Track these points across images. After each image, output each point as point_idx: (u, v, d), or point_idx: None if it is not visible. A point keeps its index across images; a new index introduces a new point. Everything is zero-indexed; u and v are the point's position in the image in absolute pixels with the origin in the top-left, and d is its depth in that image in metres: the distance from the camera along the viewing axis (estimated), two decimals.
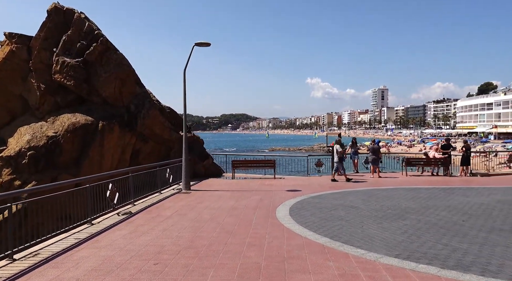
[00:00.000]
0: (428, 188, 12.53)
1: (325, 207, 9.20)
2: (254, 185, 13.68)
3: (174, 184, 12.78)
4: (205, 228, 7.07)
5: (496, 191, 11.69)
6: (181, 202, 9.90)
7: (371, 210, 8.79)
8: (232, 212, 8.61)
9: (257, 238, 6.38)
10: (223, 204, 9.66)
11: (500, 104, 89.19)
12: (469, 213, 8.48)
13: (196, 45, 11.95)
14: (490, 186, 13.08)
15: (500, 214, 8.34)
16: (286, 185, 13.57)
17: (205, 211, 8.70)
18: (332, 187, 12.84)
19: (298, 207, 9.17)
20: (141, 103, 14.90)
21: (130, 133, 14.52)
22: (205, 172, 16.26)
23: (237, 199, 10.38)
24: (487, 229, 6.98)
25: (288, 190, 12.14)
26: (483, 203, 9.63)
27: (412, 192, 11.67)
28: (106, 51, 14.23)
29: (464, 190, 11.97)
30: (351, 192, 11.78)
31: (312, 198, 10.61)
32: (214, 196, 11.02)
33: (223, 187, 13.14)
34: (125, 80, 14.64)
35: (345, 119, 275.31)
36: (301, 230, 6.97)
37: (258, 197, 10.81)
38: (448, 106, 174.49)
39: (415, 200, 10.12)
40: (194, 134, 16.75)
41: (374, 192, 11.62)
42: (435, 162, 16.35)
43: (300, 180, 15.13)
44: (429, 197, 10.59)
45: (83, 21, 14.09)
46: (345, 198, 10.59)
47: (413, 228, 7.11)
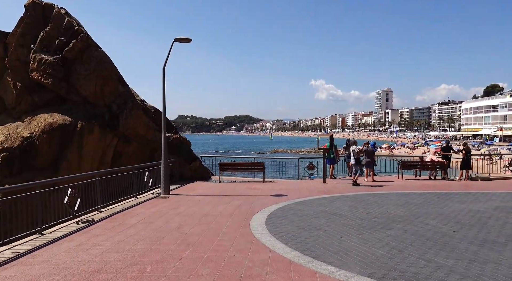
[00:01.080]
0: (423, 193, 11.77)
1: (306, 214, 8.51)
2: (240, 189, 13.02)
3: (155, 187, 12.15)
4: (166, 239, 6.41)
5: (495, 197, 10.92)
6: (153, 208, 9.25)
7: (355, 218, 8.09)
8: (204, 219, 7.95)
9: (218, 251, 5.71)
10: (198, 210, 9.01)
11: (505, 106, 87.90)
12: (462, 222, 7.74)
13: (176, 41, 11.34)
14: (490, 191, 12.29)
15: (496, 223, 7.59)
16: (273, 189, 12.88)
17: (175, 218, 8.05)
18: (321, 192, 12.14)
19: (277, 214, 8.49)
20: (123, 103, 14.31)
21: (112, 134, 13.93)
22: (192, 175, 15.62)
23: (215, 205, 9.72)
24: (479, 241, 6.25)
25: (273, 195, 11.46)
26: (479, 211, 8.88)
27: (404, 197, 10.93)
28: (87, 48, 13.67)
29: (461, 196, 11.20)
30: (339, 197, 11.08)
31: (295, 203, 9.92)
32: (192, 201, 10.37)
33: (206, 191, 12.49)
34: (107, 78, 14.07)
35: (349, 121, 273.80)
36: (272, 241, 6.29)
37: (239, 202, 10.15)
38: (453, 109, 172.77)
39: (405, 207, 9.40)
40: (180, 136, 16.13)
41: (364, 197, 10.90)
42: (433, 166, 15.58)
43: (290, 184, 14.44)
44: (422, 204, 9.85)
45: (63, 17, 13.55)
46: (331, 204, 9.89)
47: (396, 239, 6.40)
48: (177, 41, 11.36)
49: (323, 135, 16.46)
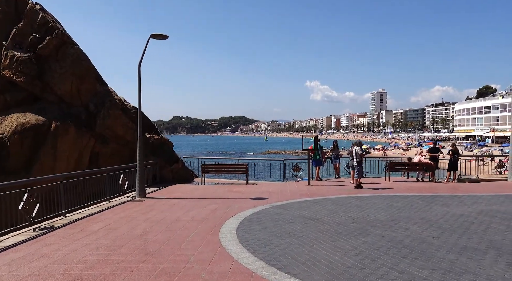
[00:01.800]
0: (407, 196, 11.42)
1: (283, 219, 8.10)
2: (220, 191, 12.58)
3: (130, 191, 11.65)
4: (125, 247, 5.96)
5: (480, 200, 10.59)
6: (122, 213, 8.78)
7: (333, 223, 7.69)
8: (173, 225, 7.50)
9: (177, 262, 5.27)
10: (169, 215, 8.55)
11: (498, 107, 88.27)
12: (444, 227, 7.38)
13: (152, 37, 10.89)
14: (476, 193, 11.98)
15: (479, 228, 7.24)
16: (255, 191, 12.46)
17: (142, 224, 7.59)
18: (303, 194, 11.74)
19: (251, 219, 8.06)
20: (101, 103, 13.81)
21: (89, 135, 13.42)
22: (174, 177, 15.15)
23: (189, 209, 9.28)
24: (459, 249, 5.87)
25: (253, 198, 11.04)
26: (462, 215, 8.53)
27: (388, 200, 10.57)
28: (62, 45, 13.16)
29: (446, 198, 10.86)
30: (321, 200, 10.68)
31: (274, 207, 9.50)
32: (167, 205, 9.91)
33: (185, 194, 12.03)
34: (84, 77, 13.56)
35: (343, 123, 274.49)
36: (238, 250, 5.86)
37: (215, 206, 9.71)
38: (447, 110, 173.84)
39: (387, 211, 9.02)
40: (162, 137, 15.65)
41: (346, 200, 10.52)
42: (420, 167, 15.26)
43: (274, 186, 14.02)
44: (405, 207, 9.49)
45: (37, 12, 13.03)
46: (311, 207, 9.49)
47: (371, 247, 6.00)
48: (153, 38, 10.90)
49: (307, 135, 15.99)
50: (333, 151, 16.62)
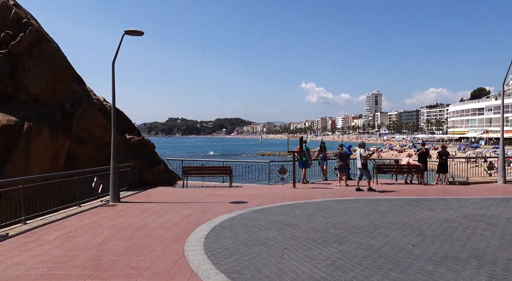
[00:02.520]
0: (393, 199, 11.02)
1: (258, 225, 7.64)
2: (201, 195, 12.10)
3: (105, 195, 11.12)
4: (76, 259, 5.46)
5: (468, 203, 10.22)
6: (89, 219, 8.27)
7: (310, 230, 7.25)
8: (138, 233, 7.02)
9: (129, 276, 4.79)
10: (138, 220, 8.06)
11: (491, 109, 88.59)
12: (426, 233, 6.97)
13: (127, 33, 10.40)
14: (464, 196, 11.61)
15: (463, 235, 6.83)
16: (237, 195, 12.00)
17: (106, 231, 7.09)
18: (286, 198, 11.30)
19: (224, 226, 7.60)
20: (78, 102, 13.28)
21: (64, 136, 12.88)
22: (155, 180, 14.64)
23: (162, 214, 8.79)
24: (439, 258, 5.45)
25: (233, 202, 10.58)
26: (447, 219, 8.13)
27: (373, 204, 10.15)
28: (37, 43, 12.62)
29: (432, 202, 10.47)
30: (303, 204, 10.25)
31: (252, 212, 9.05)
32: (140, 209, 9.41)
33: (163, 197, 11.53)
34: (60, 75, 13.03)
35: (339, 124, 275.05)
36: (200, 261, 5.40)
37: (191, 210, 9.23)
38: (441, 111, 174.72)
39: (370, 215, 8.60)
40: (143, 138, 15.14)
41: (329, 204, 10.09)
42: (408, 169, 14.89)
43: (258, 189, 13.57)
44: (388, 211, 9.08)
45: (9, 8, 12.49)
46: (291, 212, 9.04)
47: (346, 256, 5.56)
48: (128, 34, 10.42)
49: (292, 137, 15.55)
50: (321, 153, 16.22)
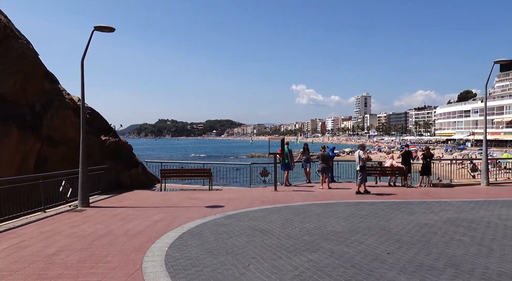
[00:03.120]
0: (374, 202, 10.73)
1: (229, 231, 7.24)
2: (177, 199, 11.63)
3: (74, 199, 10.54)
4: (19, 273, 4.97)
5: (449, 207, 9.99)
6: (49, 226, 7.75)
7: (283, 236, 6.87)
8: (98, 241, 6.54)
9: None
10: (102, 228, 7.57)
11: (477, 111, 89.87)
12: (403, 239, 6.66)
13: (96, 29, 9.91)
14: (447, 199, 11.40)
15: (441, 241, 6.54)
16: (214, 198, 11.58)
17: (62, 240, 6.59)
18: (265, 201, 10.92)
19: (193, 233, 7.17)
20: (49, 102, 12.69)
21: (34, 137, 12.27)
22: (132, 183, 14.09)
23: (130, 220, 8.31)
24: (413, 267, 5.13)
25: (209, 206, 10.15)
26: (426, 224, 7.85)
27: (352, 207, 9.84)
28: (4, 39, 12.00)
29: (413, 205, 10.22)
30: (282, 208, 9.88)
31: (226, 217, 8.63)
32: (108, 215, 8.91)
33: (137, 201, 11.03)
34: (30, 74, 12.42)
35: (328, 126, 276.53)
36: (157, 273, 4.97)
37: (162, 215, 8.78)
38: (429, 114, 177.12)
39: (348, 220, 8.27)
40: (120, 139, 14.59)
41: (308, 208, 9.74)
42: (392, 171, 14.67)
43: (238, 192, 13.17)
44: (367, 216, 8.77)
45: None
46: (267, 217, 8.66)
47: (315, 266, 5.20)
48: (98, 30, 9.93)
49: (273, 138, 15.19)
50: (304, 155, 15.90)
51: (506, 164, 23.32)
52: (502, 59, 14.82)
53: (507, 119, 77.70)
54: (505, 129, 77.71)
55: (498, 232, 7.20)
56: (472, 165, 15.95)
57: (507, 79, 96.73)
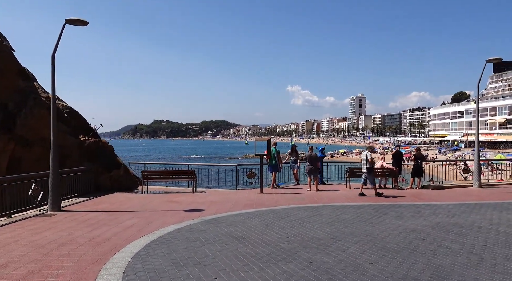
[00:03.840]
0: (362, 205, 10.28)
1: (203, 238, 6.72)
2: (157, 202, 11.09)
3: (46, 203, 9.92)
4: None
5: (439, 210, 9.56)
6: (10, 233, 7.17)
7: (259, 244, 6.37)
8: (56, 251, 5.98)
9: None
10: (66, 235, 7.01)
11: (471, 112, 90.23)
12: (388, 246, 6.19)
13: (68, 23, 9.33)
14: (437, 202, 10.99)
15: (428, 248, 6.08)
16: (196, 201, 11.05)
17: (17, 250, 6.02)
18: (248, 205, 10.41)
19: (163, 240, 6.64)
20: (23, 101, 12.10)
21: (7, 137, 11.69)
22: (113, 185, 13.50)
23: (100, 226, 7.76)
24: (396, 280, 4.66)
25: (189, 210, 9.63)
26: (415, 229, 7.40)
27: (339, 211, 9.38)
28: None
29: (402, 209, 9.77)
30: (264, 212, 9.38)
31: (203, 222, 8.12)
32: (77, 220, 8.35)
33: (114, 205, 10.47)
34: (3, 71, 11.83)
35: (324, 127, 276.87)
36: None
37: (135, 220, 8.24)
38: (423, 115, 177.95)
39: (332, 225, 7.80)
40: (100, 140, 14.01)
41: (291, 212, 9.25)
42: (382, 173, 14.24)
43: (223, 194, 12.66)
44: (353, 220, 8.30)
45: None
46: (246, 222, 8.16)
47: (288, 280, 4.70)
48: (70, 24, 9.35)
49: (259, 139, 14.64)
50: (291, 156, 15.42)
51: (499, 165, 23.07)
52: (495, 58, 14.49)
53: (500, 121, 78.03)
54: (498, 131, 78.02)
55: (489, 238, 6.76)
56: (464, 166, 15.55)
57: (500, 81, 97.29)
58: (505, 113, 77.03)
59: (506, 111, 76.96)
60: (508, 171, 20.33)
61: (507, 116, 76.14)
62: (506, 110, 76.78)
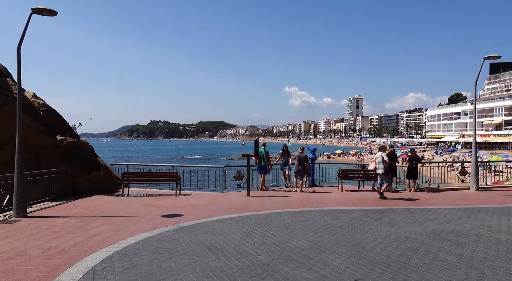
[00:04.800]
0: (353, 210, 9.62)
1: (172, 249, 6.04)
2: (135, 206, 10.38)
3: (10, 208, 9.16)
4: None
5: (435, 215, 8.92)
6: None
7: (234, 256, 5.70)
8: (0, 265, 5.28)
9: None
10: (21, 245, 6.30)
11: (467, 113, 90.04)
12: (378, 259, 5.53)
13: (35, 12, 8.61)
14: (432, 206, 10.36)
15: (422, 261, 5.43)
16: (177, 205, 10.37)
17: None
18: (232, 209, 9.74)
19: (127, 252, 5.95)
20: None
21: None
22: (91, 188, 12.77)
23: (62, 234, 7.06)
24: None
25: (166, 215, 8.95)
26: (408, 238, 6.75)
27: (327, 217, 8.71)
28: None
29: (396, 214, 9.13)
30: (247, 217, 8.71)
31: (178, 230, 7.43)
32: (40, 228, 7.64)
33: (88, 210, 9.75)
34: None
35: (321, 128, 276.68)
36: None
37: (104, 228, 7.54)
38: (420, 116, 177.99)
39: (318, 233, 7.14)
40: (79, 139, 13.27)
41: (277, 218, 8.59)
42: (376, 175, 13.58)
43: (208, 198, 11.98)
44: (342, 227, 7.64)
45: None
46: (226, 229, 7.48)
47: None
48: (36, 13, 8.63)
49: (247, 139, 13.91)
50: (282, 157, 14.75)
51: (496, 167, 22.53)
52: (493, 55, 13.92)
53: (496, 122, 77.81)
54: (495, 132, 77.79)
55: (489, 248, 6.12)
56: (462, 167, 14.95)
57: (496, 82, 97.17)
58: (502, 115, 76.83)
59: (502, 113, 76.76)
60: (505, 173, 19.79)
61: (504, 117, 75.93)
62: (503, 112, 76.59)
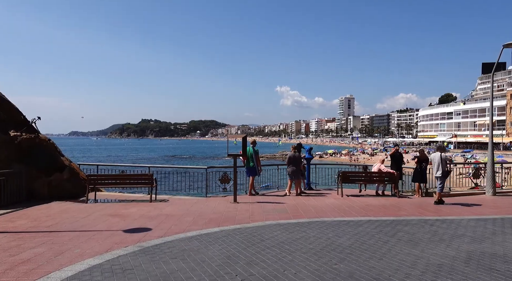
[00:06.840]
0: (359, 222, 7.95)
1: None
2: (96, 215, 8.55)
3: None
4: None
5: (462, 230, 7.29)
6: None
7: None
8: None
9: None
10: None
11: (459, 113, 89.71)
12: None
13: None
14: (452, 216, 8.76)
15: None
16: (147, 215, 8.58)
17: None
18: (213, 220, 8.00)
19: None
20: None
21: None
22: (51, 192, 10.88)
23: None
24: None
25: (129, 229, 7.17)
26: (441, 266, 5.09)
27: (330, 231, 7.02)
28: None
29: (413, 226, 7.48)
30: (231, 231, 6.97)
31: (137, 253, 5.65)
32: None
33: (33, 222, 7.90)
34: None
35: (312, 127, 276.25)
36: None
37: (40, 250, 5.74)
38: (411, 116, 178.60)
39: (321, 258, 5.44)
40: (38, 136, 11.36)
41: (268, 233, 6.86)
42: (380, 178, 11.99)
43: (187, 204, 10.21)
44: (351, 247, 5.95)
45: None
46: (201, 251, 5.73)
47: None
48: None
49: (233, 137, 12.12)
50: None
51: None
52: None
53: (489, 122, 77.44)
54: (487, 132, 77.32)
55: None
56: (475, 170, 13.45)
57: (489, 82, 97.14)
58: (495, 115, 76.47)
59: (495, 113, 76.37)
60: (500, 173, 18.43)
61: (497, 117, 75.55)
62: (496, 111, 76.20)
